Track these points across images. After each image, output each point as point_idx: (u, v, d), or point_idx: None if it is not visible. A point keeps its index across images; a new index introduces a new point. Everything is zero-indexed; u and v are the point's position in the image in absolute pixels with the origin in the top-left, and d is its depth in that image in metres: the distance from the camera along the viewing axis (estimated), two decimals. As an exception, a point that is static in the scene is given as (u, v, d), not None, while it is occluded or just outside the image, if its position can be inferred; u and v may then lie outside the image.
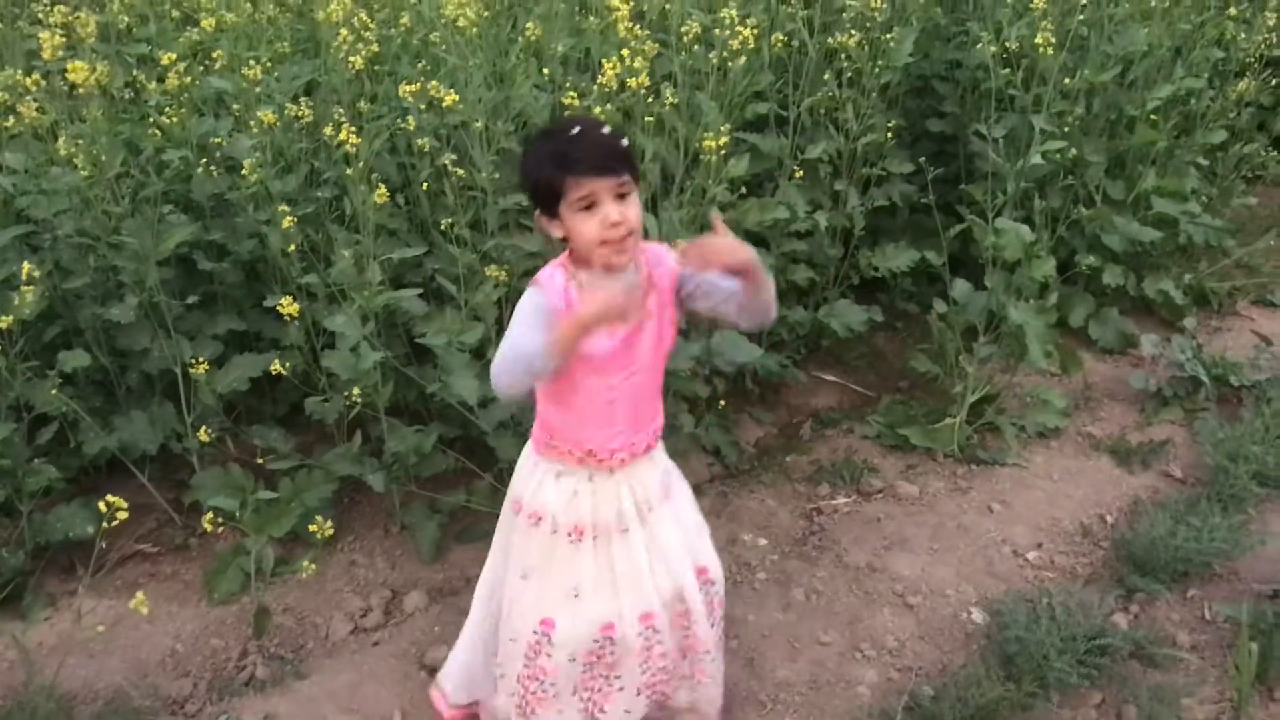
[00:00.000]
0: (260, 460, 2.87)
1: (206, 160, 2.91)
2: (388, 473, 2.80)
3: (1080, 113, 3.61)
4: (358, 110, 2.95)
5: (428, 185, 2.82)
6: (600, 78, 2.60)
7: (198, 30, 3.16)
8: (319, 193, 2.92)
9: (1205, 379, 3.51)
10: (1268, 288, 4.29)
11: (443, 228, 2.71)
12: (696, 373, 2.99)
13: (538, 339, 1.69)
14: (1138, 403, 3.57)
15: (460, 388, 2.62)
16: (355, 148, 2.57)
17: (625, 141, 1.76)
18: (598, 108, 2.62)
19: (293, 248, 2.66)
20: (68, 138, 2.69)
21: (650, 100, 2.70)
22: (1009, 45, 3.38)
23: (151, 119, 2.99)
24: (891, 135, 3.50)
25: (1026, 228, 3.24)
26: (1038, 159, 3.34)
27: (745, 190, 3.15)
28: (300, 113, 2.89)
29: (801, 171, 3.32)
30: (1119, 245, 3.75)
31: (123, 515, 1.93)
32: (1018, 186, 3.39)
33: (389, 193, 2.65)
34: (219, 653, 2.54)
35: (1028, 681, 2.35)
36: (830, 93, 3.35)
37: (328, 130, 2.70)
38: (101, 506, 1.95)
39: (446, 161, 2.66)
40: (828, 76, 3.35)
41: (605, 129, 1.77)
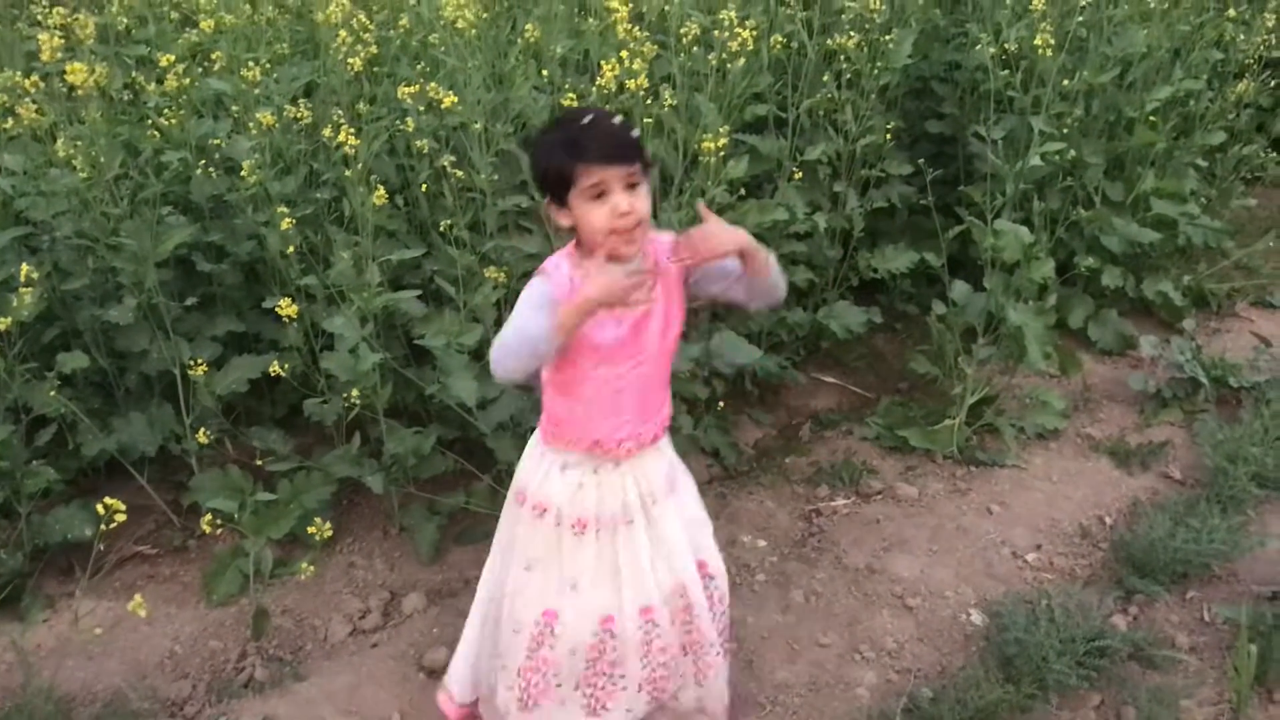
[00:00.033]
0: (259, 462, 2.87)
1: (205, 162, 2.92)
2: (386, 474, 2.80)
3: (1079, 114, 3.61)
4: (357, 112, 2.95)
5: (427, 187, 2.82)
6: (599, 79, 2.60)
7: (196, 32, 3.16)
8: (318, 194, 2.92)
9: (1204, 380, 3.51)
10: (1267, 289, 4.29)
11: (442, 229, 2.72)
12: (696, 374, 2.99)
13: (542, 321, 1.71)
14: (1137, 404, 3.57)
15: (459, 389, 2.62)
16: (354, 149, 2.58)
17: (636, 132, 1.77)
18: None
19: (291, 249, 2.66)
20: (66, 139, 2.69)
21: (649, 102, 2.70)
22: (1008, 47, 3.38)
23: (150, 120, 2.99)
24: (890, 137, 3.50)
25: (1025, 229, 3.25)
26: (1037, 160, 3.34)
27: (744, 192, 3.15)
28: (299, 114, 2.89)
29: (800, 173, 3.32)
30: (1118, 247, 3.75)
31: (121, 518, 1.93)
32: (1017, 188, 3.39)
33: (388, 194, 2.65)
34: (218, 654, 2.53)
35: (1027, 683, 2.35)
36: (829, 94, 3.35)
37: (327, 132, 2.70)
38: (99, 509, 1.95)
39: (445, 163, 2.66)
40: (827, 78, 3.35)
41: (617, 119, 1.78)
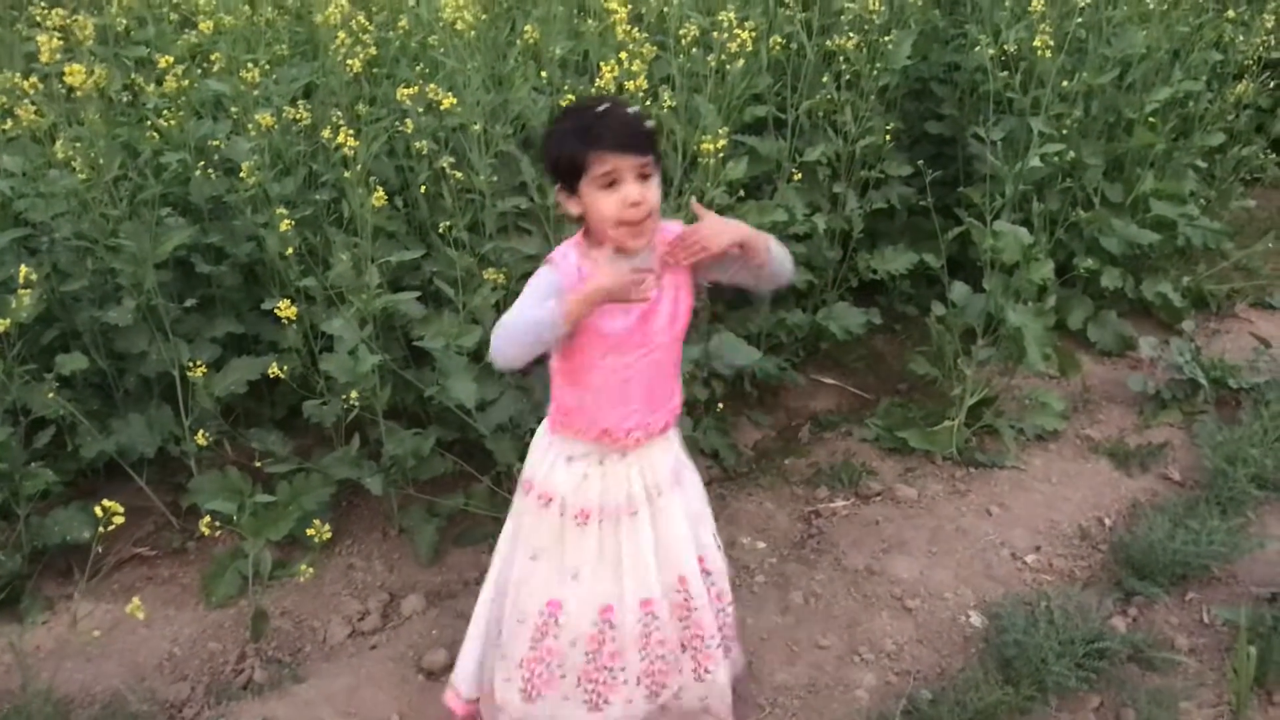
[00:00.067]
0: (258, 463, 2.86)
1: (204, 163, 2.91)
2: (386, 476, 2.80)
3: (1078, 115, 3.61)
4: (356, 113, 2.95)
5: (426, 188, 2.82)
6: (598, 80, 2.60)
7: (196, 33, 3.16)
8: (317, 195, 2.92)
9: (1204, 381, 3.51)
10: (1266, 290, 4.29)
11: (441, 230, 2.71)
12: (695, 375, 2.99)
13: (549, 307, 1.73)
14: (1136, 405, 3.57)
15: (458, 391, 2.62)
16: (353, 150, 2.57)
17: (651, 123, 1.77)
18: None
19: (291, 250, 2.66)
20: (66, 140, 2.69)
21: (648, 103, 2.70)
22: (1007, 48, 3.38)
23: (150, 122, 2.99)
24: (890, 138, 3.50)
25: (1025, 230, 3.24)
26: (1036, 161, 3.34)
27: (743, 193, 3.15)
28: (298, 115, 2.89)
29: (800, 174, 3.32)
30: (1117, 248, 3.75)
31: (119, 520, 1.93)
32: (1016, 189, 3.39)
33: (387, 195, 2.65)
34: (216, 656, 2.53)
35: (1026, 685, 2.35)
36: (828, 95, 3.35)
37: (326, 133, 2.70)
38: (98, 511, 1.95)
39: (445, 164, 2.66)
40: (826, 79, 3.35)
41: (632, 108, 1.79)
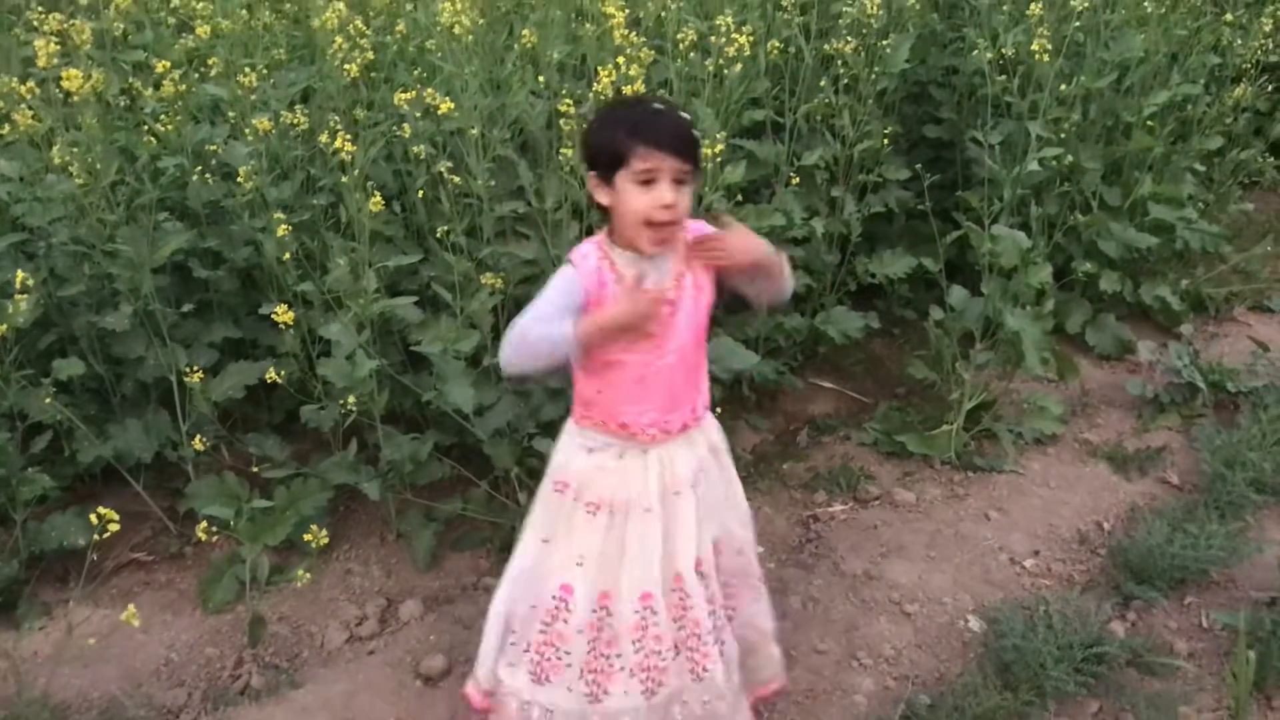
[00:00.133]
0: (255, 469, 2.86)
1: (202, 168, 2.91)
2: (383, 481, 2.79)
3: (1077, 119, 3.61)
4: (354, 118, 2.95)
5: (424, 192, 2.82)
6: (596, 85, 2.60)
7: (193, 37, 3.15)
8: (315, 200, 2.92)
9: (1202, 385, 3.51)
10: (1265, 294, 4.30)
11: (439, 235, 2.71)
12: (693, 380, 2.98)
13: (565, 330, 1.75)
14: (1135, 409, 3.56)
15: (456, 396, 2.62)
16: (351, 155, 2.57)
17: (698, 133, 1.81)
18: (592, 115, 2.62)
19: (288, 255, 2.66)
20: (63, 145, 2.69)
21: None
22: (1005, 51, 3.38)
23: (147, 126, 2.99)
24: (888, 142, 3.50)
25: (1023, 234, 3.24)
26: (1034, 165, 3.34)
27: (742, 197, 3.15)
28: (296, 120, 2.89)
29: (798, 178, 3.32)
30: (1116, 251, 3.75)
31: (114, 527, 1.92)
32: (1014, 193, 3.39)
33: (385, 200, 2.64)
34: (214, 662, 2.53)
35: (1025, 690, 2.35)
36: (827, 99, 3.35)
37: (323, 137, 2.70)
38: (93, 519, 1.94)
39: (442, 169, 2.66)
40: (824, 83, 3.35)
41: (684, 114, 1.81)
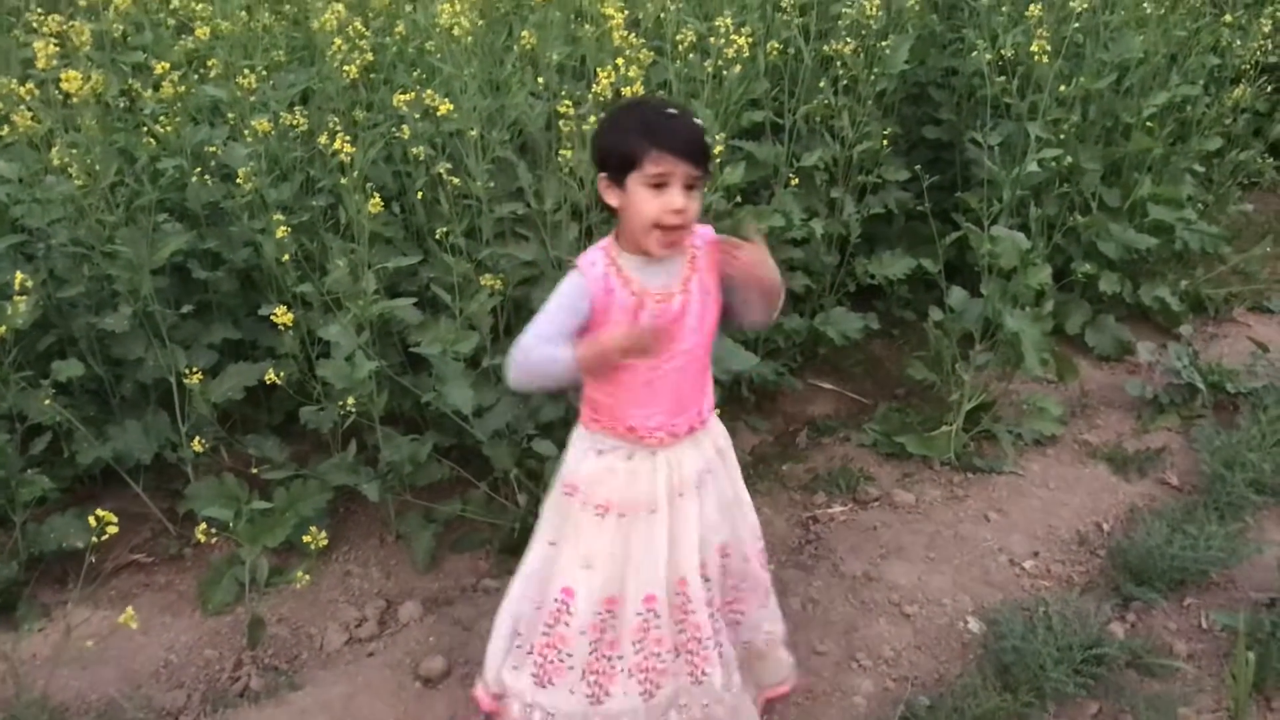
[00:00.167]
0: (255, 470, 2.86)
1: (201, 169, 2.91)
2: (383, 482, 2.79)
3: (1076, 120, 3.61)
4: (353, 119, 2.95)
5: (423, 194, 2.82)
6: (595, 86, 2.59)
7: (193, 38, 3.15)
8: (314, 201, 2.91)
9: (1202, 386, 3.51)
10: (1264, 294, 4.30)
11: (438, 236, 2.71)
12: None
13: (566, 353, 1.78)
14: (1134, 410, 3.56)
15: (455, 397, 2.62)
16: (350, 156, 2.57)
17: (710, 140, 1.82)
18: (593, 116, 2.62)
19: (287, 256, 2.66)
20: (62, 146, 2.69)
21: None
22: (1005, 52, 3.38)
23: (146, 127, 2.98)
24: (887, 143, 3.50)
25: (1022, 235, 3.24)
26: (1033, 166, 3.33)
27: (741, 198, 3.14)
28: (295, 121, 2.89)
29: (797, 179, 3.31)
30: (1115, 252, 3.75)
31: (112, 530, 1.92)
32: (1013, 194, 3.39)
33: (384, 201, 2.64)
34: (213, 663, 2.53)
35: (1024, 691, 2.35)
36: (826, 100, 3.35)
37: (323, 139, 2.70)
38: (91, 521, 1.94)
39: (441, 170, 2.66)
40: (823, 84, 3.34)
41: (697, 119, 1.82)
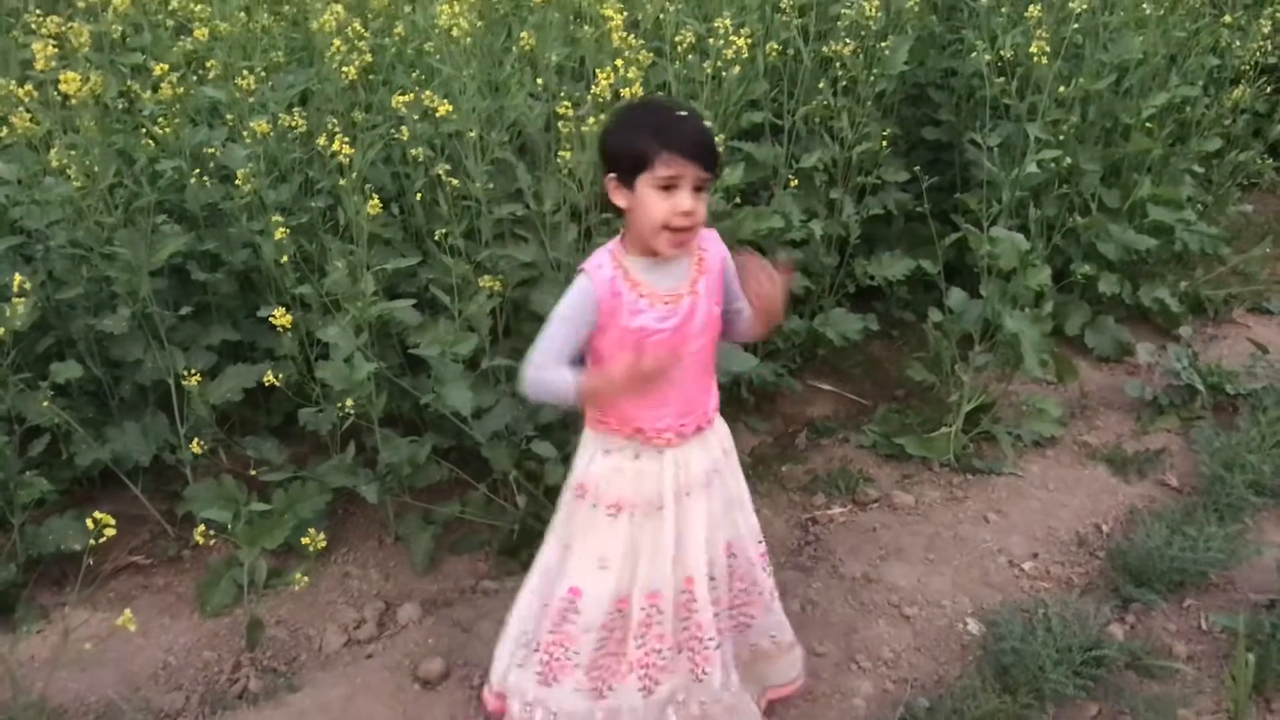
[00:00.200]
0: (253, 472, 2.86)
1: (200, 170, 2.91)
2: (381, 484, 2.79)
3: (1075, 121, 3.61)
4: (352, 120, 2.95)
5: (422, 195, 2.81)
6: (594, 87, 2.59)
7: (191, 40, 3.15)
8: (313, 202, 2.91)
9: (1201, 387, 3.51)
10: (1264, 295, 4.30)
11: (437, 238, 2.71)
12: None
13: (569, 385, 1.83)
14: (1134, 411, 3.56)
15: (454, 399, 2.61)
16: (349, 157, 2.57)
17: (717, 142, 1.83)
18: (592, 118, 2.62)
19: (286, 258, 2.65)
20: (61, 148, 2.68)
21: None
22: (1004, 53, 3.38)
23: (145, 129, 2.98)
24: (886, 144, 3.50)
25: (1022, 236, 3.24)
26: (1033, 167, 3.33)
27: (740, 199, 3.14)
28: (294, 122, 2.89)
29: (796, 180, 3.31)
30: (1114, 253, 3.75)
31: (110, 532, 1.91)
32: (1013, 195, 3.39)
33: (383, 202, 2.64)
34: (211, 665, 2.52)
35: (1023, 693, 2.35)
36: (825, 101, 3.35)
37: (322, 140, 2.69)
38: (89, 523, 1.94)
39: (440, 171, 2.65)
40: (823, 85, 3.34)
41: (707, 122, 1.83)
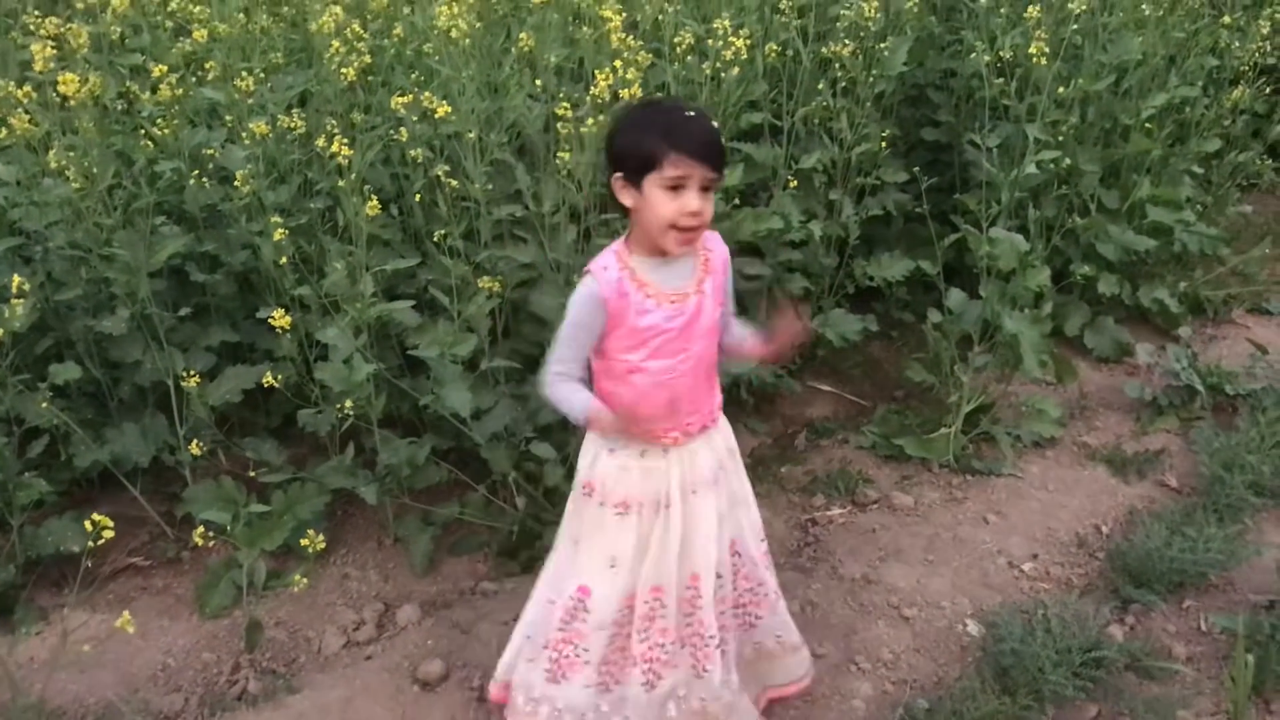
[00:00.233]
0: (253, 473, 2.86)
1: (199, 171, 2.90)
2: (380, 485, 2.79)
3: (1075, 122, 3.61)
4: (351, 121, 2.95)
5: (421, 196, 2.81)
6: (593, 88, 2.59)
7: (190, 41, 3.14)
8: (312, 204, 2.91)
9: (1200, 388, 3.51)
10: (1263, 296, 4.30)
11: (436, 239, 2.71)
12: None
13: (578, 410, 1.89)
14: (1133, 412, 3.56)
15: (453, 400, 2.61)
16: (348, 159, 2.57)
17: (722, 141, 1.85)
18: (591, 119, 2.62)
19: (285, 259, 2.65)
20: (60, 149, 2.68)
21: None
22: (1003, 54, 3.38)
23: (144, 130, 2.98)
24: (886, 144, 3.49)
25: (1021, 237, 3.24)
26: (1032, 168, 3.33)
27: (740, 200, 3.14)
28: (293, 124, 2.89)
29: (796, 181, 3.31)
30: (1114, 254, 3.75)
31: (109, 534, 1.91)
32: (1012, 196, 3.38)
33: (382, 204, 2.64)
34: (210, 667, 2.52)
35: (1023, 694, 2.34)
36: (824, 102, 3.35)
37: (321, 141, 2.69)
38: (88, 524, 1.94)
39: (439, 172, 2.65)
40: (822, 86, 3.34)
41: (714, 122, 1.84)
